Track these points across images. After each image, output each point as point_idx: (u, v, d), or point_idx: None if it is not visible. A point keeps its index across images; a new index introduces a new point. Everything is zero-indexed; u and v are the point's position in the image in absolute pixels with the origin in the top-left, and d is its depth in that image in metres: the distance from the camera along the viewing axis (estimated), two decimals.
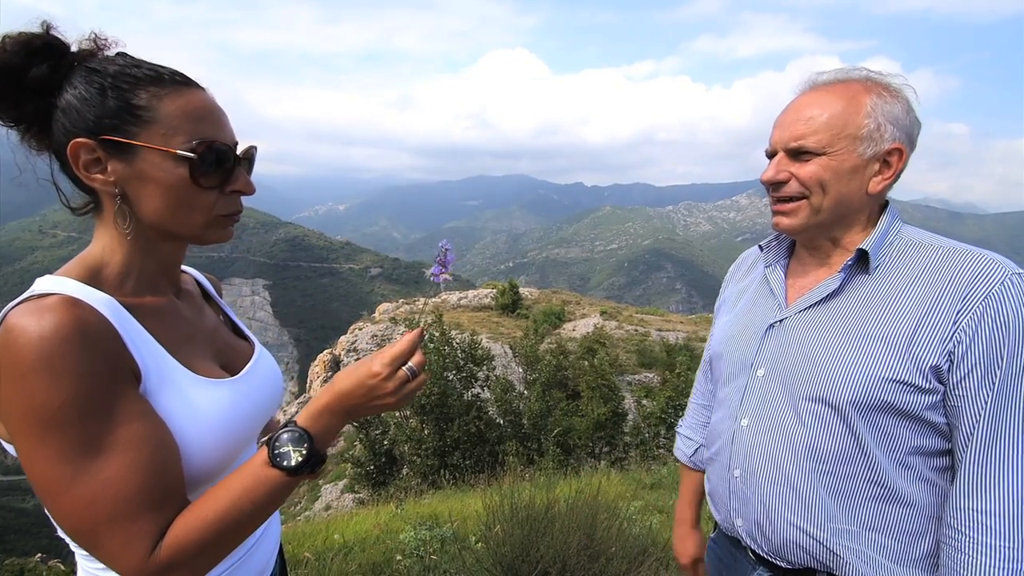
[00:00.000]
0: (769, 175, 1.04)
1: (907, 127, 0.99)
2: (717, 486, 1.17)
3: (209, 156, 0.75)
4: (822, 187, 0.99)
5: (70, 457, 0.64)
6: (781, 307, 1.10)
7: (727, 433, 1.14)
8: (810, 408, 1.00)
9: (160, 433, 0.71)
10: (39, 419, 0.63)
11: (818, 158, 0.99)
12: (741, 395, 1.12)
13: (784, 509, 1.02)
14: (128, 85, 0.73)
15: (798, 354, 1.03)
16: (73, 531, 0.67)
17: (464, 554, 2.72)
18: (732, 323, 1.21)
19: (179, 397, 0.74)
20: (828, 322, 1.02)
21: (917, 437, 0.95)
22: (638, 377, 20.84)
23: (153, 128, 0.73)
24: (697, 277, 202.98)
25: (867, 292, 1.00)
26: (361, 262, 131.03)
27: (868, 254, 1.00)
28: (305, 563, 2.74)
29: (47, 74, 0.71)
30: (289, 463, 0.71)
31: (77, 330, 0.65)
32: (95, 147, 0.72)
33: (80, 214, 0.79)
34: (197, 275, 1.01)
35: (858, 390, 0.94)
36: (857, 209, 1.02)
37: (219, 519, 0.69)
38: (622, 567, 2.42)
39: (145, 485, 0.67)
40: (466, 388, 11.54)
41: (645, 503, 4.36)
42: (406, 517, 3.81)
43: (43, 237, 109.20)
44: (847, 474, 0.98)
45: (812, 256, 1.11)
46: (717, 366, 1.23)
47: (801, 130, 0.99)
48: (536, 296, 35.20)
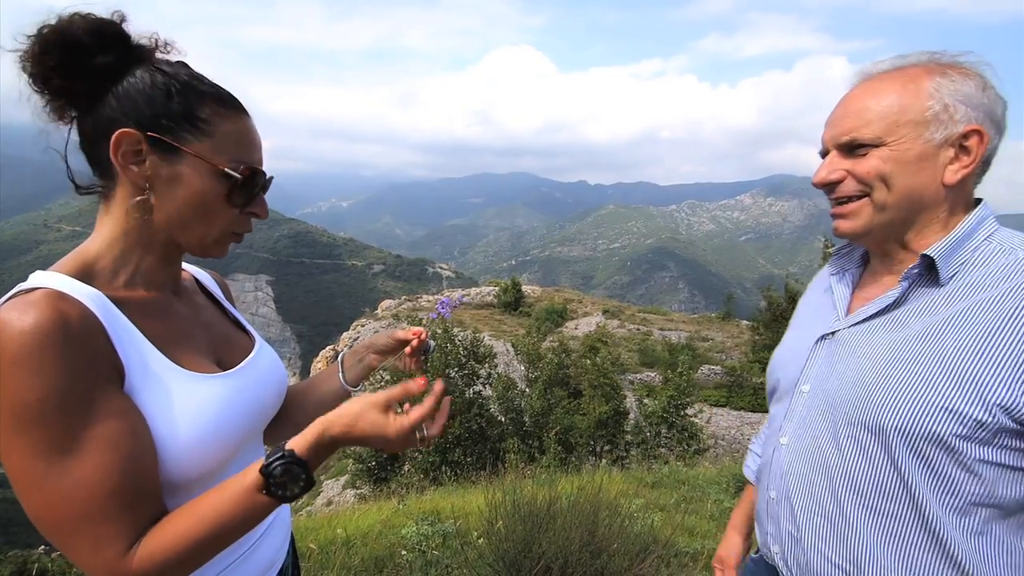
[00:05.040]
0: (821, 176, 0.92)
1: (986, 106, 0.84)
2: (759, 506, 1.09)
3: (249, 180, 0.80)
4: (884, 181, 0.86)
5: (45, 453, 0.63)
6: (838, 318, 0.99)
7: (768, 451, 1.06)
8: (849, 432, 0.88)
9: (139, 433, 0.70)
10: (16, 414, 0.63)
11: (876, 150, 0.86)
12: (785, 411, 1.02)
13: (817, 540, 0.92)
14: (195, 96, 0.76)
15: (845, 371, 0.91)
16: (45, 528, 0.66)
17: (466, 549, 2.74)
18: (791, 336, 1.11)
19: (166, 393, 0.73)
20: (882, 337, 0.89)
21: (981, 485, 0.79)
22: (640, 376, 20.83)
23: (206, 141, 0.76)
24: (700, 277, 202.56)
25: (934, 305, 0.85)
26: (364, 259, 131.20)
27: (935, 261, 0.85)
28: (309, 555, 2.77)
29: (112, 62, 0.73)
30: (285, 494, 0.70)
31: (58, 325, 0.65)
32: (141, 140, 0.74)
33: (83, 193, 0.80)
34: (196, 272, 1.01)
35: (905, 417, 0.81)
36: (932, 204, 0.87)
37: (198, 537, 0.68)
38: (623, 564, 2.43)
39: (119, 487, 0.66)
40: (468, 385, 11.56)
41: (646, 501, 4.37)
42: (408, 512, 3.83)
43: (48, 231, 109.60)
44: (889, 512, 0.85)
45: (882, 263, 0.97)
46: (771, 381, 1.12)
47: (853, 123, 0.88)
48: (538, 294, 35.18)
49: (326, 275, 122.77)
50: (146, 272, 0.81)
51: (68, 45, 0.71)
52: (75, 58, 0.71)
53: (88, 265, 0.76)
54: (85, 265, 0.76)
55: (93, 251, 0.78)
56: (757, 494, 1.10)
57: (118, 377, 0.71)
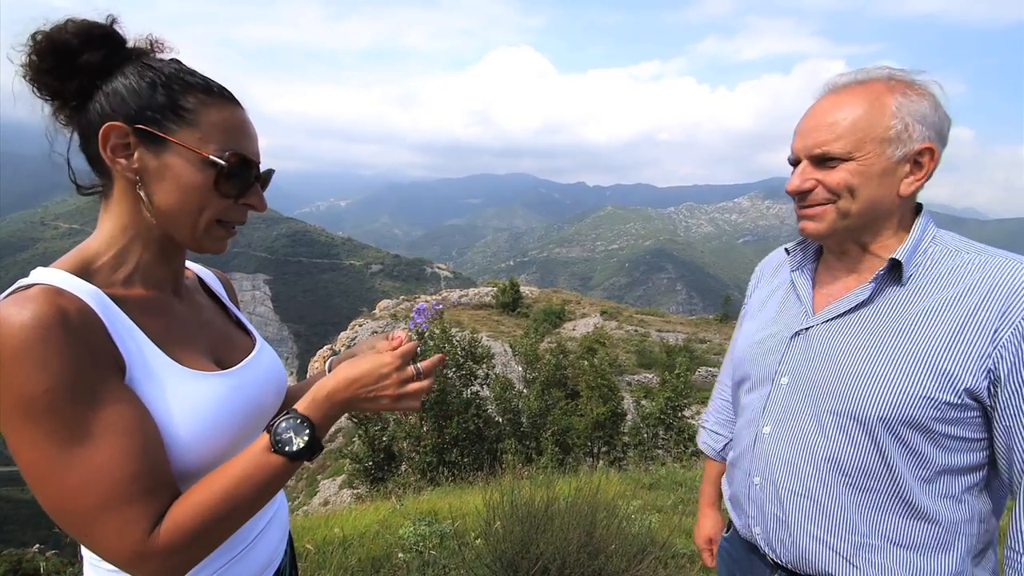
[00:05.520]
0: (795, 185, 1.00)
1: (936, 124, 0.95)
2: (737, 491, 1.16)
3: (236, 167, 0.79)
4: (851, 192, 0.96)
5: (58, 444, 0.64)
6: (808, 314, 1.07)
7: (748, 439, 1.12)
8: (835, 421, 0.97)
9: (148, 420, 0.71)
10: (24, 407, 0.63)
11: (846, 163, 0.95)
12: (764, 403, 1.09)
13: (804, 521, 1.01)
14: (179, 87, 0.77)
15: (824, 365, 1.00)
16: (65, 519, 0.66)
17: (464, 550, 2.74)
18: (757, 329, 1.18)
19: (164, 389, 0.74)
20: (857, 333, 0.98)
21: (946, 455, 0.92)
22: (637, 377, 20.86)
23: (191, 130, 0.76)
24: (698, 278, 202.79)
25: (899, 303, 0.96)
26: (362, 258, 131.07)
27: (901, 264, 0.96)
28: (306, 555, 2.76)
29: (99, 60, 0.75)
30: (291, 448, 0.72)
31: (57, 320, 0.65)
32: (128, 133, 0.75)
33: (85, 194, 0.81)
34: (200, 271, 1.01)
35: (887, 406, 0.91)
36: (888, 213, 0.98)
37: (219, 503, 0.69)
38: (621, 564, 2.43)
39: (138, 470, 0.67)
40: (465, 386, 11.55)
41: (644, 502, 4.37)
42: (405, 513, 3.82)
43: (45, 228, 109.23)
44: (871, 488, 0.95)
45: (840, 261, 1.07)
46: (740, 372, 1.20)
47: (824, 136, 0.96)
48: (536, 295, 35.20)
49: (324, 274, 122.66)
50: (145, 269, 0.81)
51: (58, 48, 0.73)
52: (65, 60, 0.73)
53: (88, 262, 0.77)
54: (85, 262, 0.77)
55: (93, 248, 0.79)
56: (735, 480, 1.17)
57: (119, 370, 0.71)
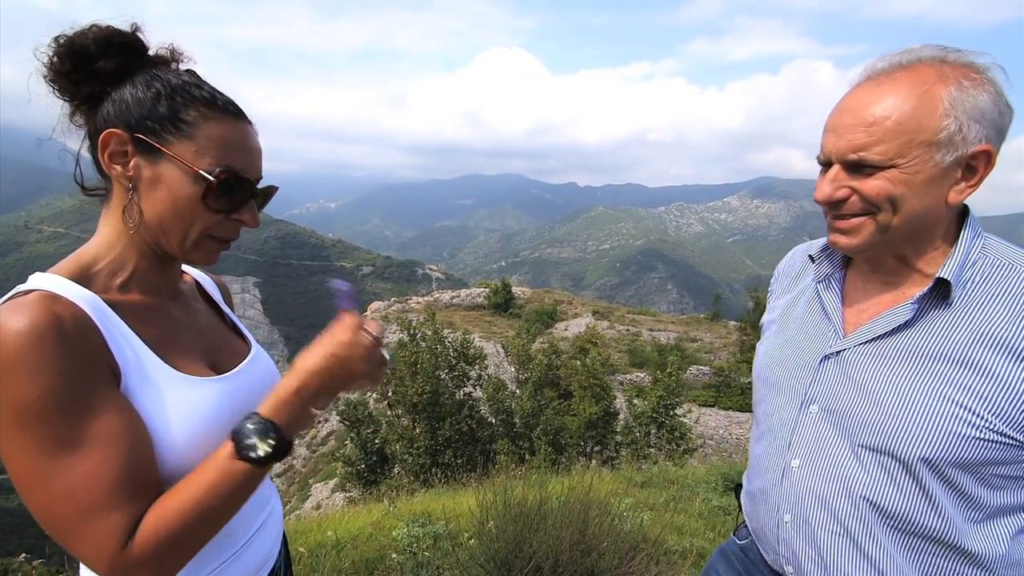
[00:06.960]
0: (825, 193, 0.86)
1: (996, 121, 0.79)
2: (764, 526, 1.04)
3: (225, 184, 0.78)
4: (892, 204, 0.82)
5: (47, 451, 0.64)
6: (838, 335, 0.94)
7: (774, 471, 1.00)
8: (874, 458, 0.86)
9: (136, 428, 0.71)
10: (17, 413, 0.64)
11: (885, 171, 0.81)
12: (791, 431, 0.97)
13: (844, 562, 0.91)
14: (183, 99, 0.77)
15: (859, 394, 0.88)
16: (49, 525, 0.67)
17: (457, 550, 2.74)
18: (782, 345, 1.05)
19: (160, 395, 0.74)
20: (897, 360, 0.86)
21: (998, 495, 0.82)
22: (629, 377, 20.95)
23: (187, 143, 0.76)
24: (688, 278, 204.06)
25: (945, 327, 0.83)
26: (353, 260, 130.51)
27: (950, 283, 0.83)
28: (299, 559, 2.75)
29: (113, 67, 0.76)
30: (256, 454, 0.70)
31: (52, 326, 0.66)
32: (127, 140, 0.76)
33: (88, 195, 0.82)
34: (198, 276, 1.01)
35: (932, 446, 0.80)
36: (934, 224, 0.85)
37: (189, 512, 0.68)
38: (613, 562, 2.45)
39: (120, 480, 0.67)
40: (458, 387, 11.55)
41: (636, 500, 4.39)
42: (398, 514, 3.81)
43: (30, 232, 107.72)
44: (915, 530, 0.85)
45: (875, 274, 0.94)
46: (760, 388, 1.08)
47: (862, 139, 0.81)
48: (528, 296, 35.26)
49: (314, 276, 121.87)
50: (141, 276, 0.82)
51: (77, 52, 0.75)
52: (82, 64, 0.75)
53: (85, 268, 0.78)
54: (82, 268, 0.77)
55: (91, 253, 0.79)
56: (760, 515, 1.04)
57: (114, 378, 0.72)
